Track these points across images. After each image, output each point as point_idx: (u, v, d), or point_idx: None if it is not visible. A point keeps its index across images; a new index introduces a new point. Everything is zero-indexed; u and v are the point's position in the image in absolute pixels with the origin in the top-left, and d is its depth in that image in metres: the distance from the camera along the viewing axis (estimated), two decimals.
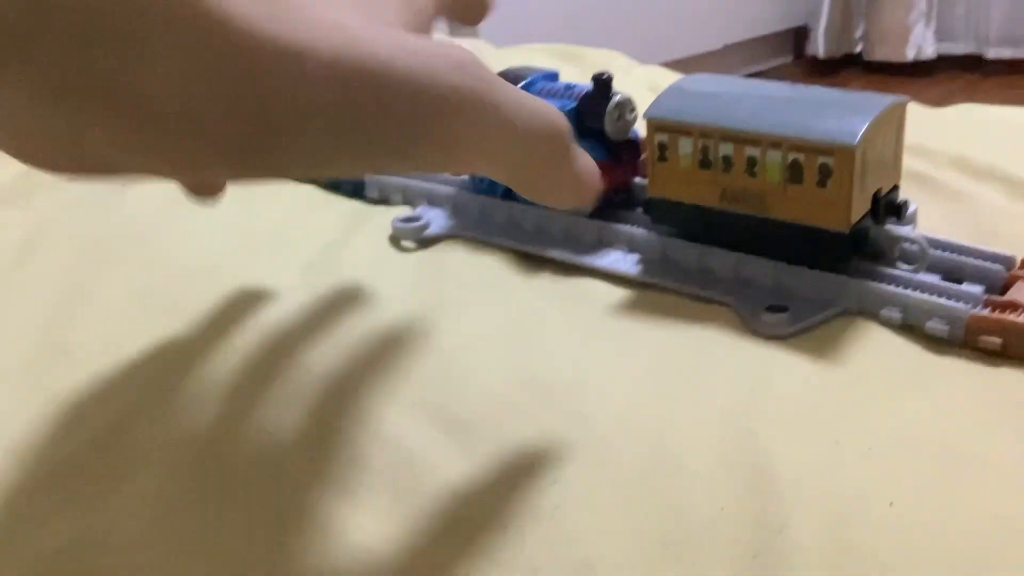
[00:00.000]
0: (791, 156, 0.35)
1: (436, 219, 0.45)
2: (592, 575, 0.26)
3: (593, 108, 0.41)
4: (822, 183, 0.35)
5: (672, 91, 0.39)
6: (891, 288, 0.36)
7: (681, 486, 0.29)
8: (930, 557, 0.26)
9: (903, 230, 0.37)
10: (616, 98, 0.41)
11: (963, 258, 0.37)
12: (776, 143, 0.35)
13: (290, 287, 0.41)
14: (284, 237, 0.46)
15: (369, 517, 0.29)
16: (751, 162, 0.36)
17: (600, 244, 0.42)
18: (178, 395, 0.35)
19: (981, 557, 0.26)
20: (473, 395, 0.34)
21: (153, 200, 0.51)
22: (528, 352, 0.36)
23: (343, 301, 0.40)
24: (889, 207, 0.37)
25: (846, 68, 2.94)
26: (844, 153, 0.34)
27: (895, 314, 0.35)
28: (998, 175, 0.46)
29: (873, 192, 0.37)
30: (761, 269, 0.38)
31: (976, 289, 0.36)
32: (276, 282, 0.42)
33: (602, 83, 0.41)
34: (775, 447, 0.30)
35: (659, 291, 0.39)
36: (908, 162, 0.47)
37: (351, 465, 0.31)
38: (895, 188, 0.39)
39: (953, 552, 0.26)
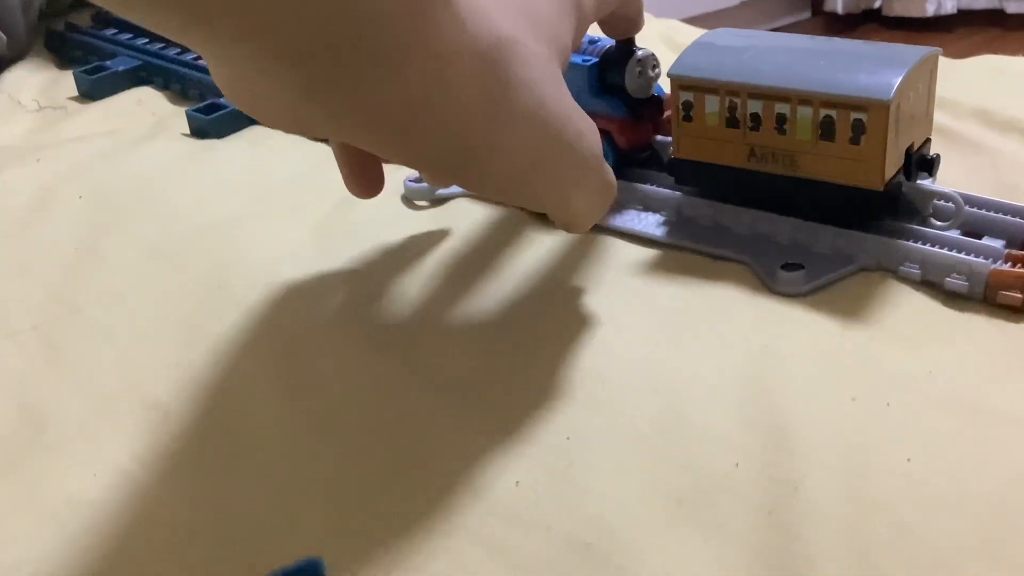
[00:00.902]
0: (823, 112, 0.34)
1: None
2: (606, 532, 0.26)
3: (615, 64, 0.40)
4: (855, 140, 0.34)
5: (697, 47, 0.38)
6: (910, 244, 0.35)
7: (695, 443, 0.29)
8: (949, 512, 0.26)
9: (937, 187, 0.36)
10: (638, 54, 0.40)
11: (983, 212, 0.37)
12: (807, 99, 0.34)
13: (301, 244, 0.41)
14: (295, 196, 0.46)
15: (379, 478, 0.29)
16: (781, 119, 0.35)
17: (620, 204, 0.41)
18: (193, 355, 0.35)
19: (1000, 512, 0.26)
20: (480, 352, 0.34)
21: (162, 158, 0.50)
22: (542, 310, 0.36)
23: (354, 261, 0.40)
24: (921, 162, 0.36)
25: (865, 24, 2.89)
26: (878, 108, 0.33)
27: (914, 270, 0.35)
28: (1020, 127, 0.45)
29: (906, 147, 0.36)
30: (779, 227, 0.37)
31: (996, 244, 0.35)
32: (287, 240, 0.41)
33: (624, 39, 0.40)
34: (791, 404, 0.30)
35: (676, 250, 0.38)
36: None
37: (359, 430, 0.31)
38: (927, 142, 0.38)
39: (972, 507, 0.26)
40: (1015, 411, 0.29)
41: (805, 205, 0.36)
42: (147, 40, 0.64)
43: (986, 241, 0.35)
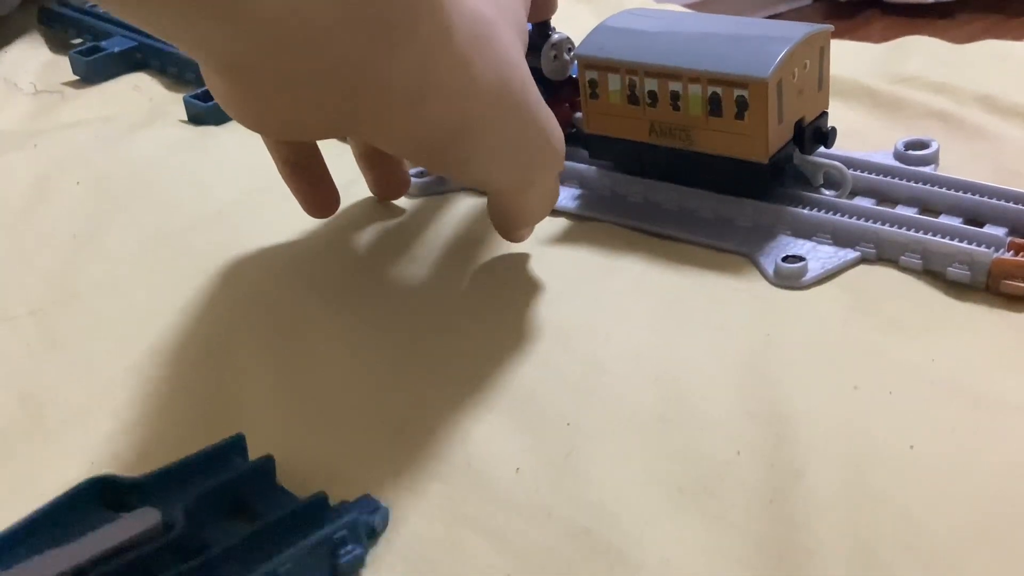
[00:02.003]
0: (710, 90, 0.36)
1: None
2: (606, 519, 0.26)
3: (531, 48, 0.41)
4: (740, 115, 0.36)
5: (602, 29, 0.40)
6: (910, 233, 0.35)
7: (697, 431, 0.29)
8: (951, 501, 0.26)
9: (824, 159, 0.38)
10: (553, 38, 0.41)
11: (985, 199, 0.37)
12: (695, 78, 0.36)
13: (298, 232, 0.41)
14: None
15: (376, 468, 0.29)
16: (674, 97, 0.37)
17: None
18: (193, 340, 0.35)
19: (1003, 500, 0.26)
20: (479, 339, 0.34)
21: (160, 145, 0.50)
22: (542, 298, 0.36)
23: (351, 244, 0.40)
24: (816, 134, 0.38)
25: (865, 10, 2.88)
26: (758, 85, 0.35)
27: (915, 260, 0.35)
28: (1023, 113, 0.44)
29: (796, 121, 0.37)
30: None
31: (999, 232, 0.35)
32: (285, 227, 0.41)
33: (540, 23, 0.41)
34: (793, 392, 0.30)
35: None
36: (930, 100, 0.46)
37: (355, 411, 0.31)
38: (823, 115, 0.39)
39: (974, 496, 0.26)
40: (1018, 400, 0.29)
41: (702, 177, 0.38)
42: None
43: (988, 229, 0.35)
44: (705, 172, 0.38)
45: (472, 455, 0.29)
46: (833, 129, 0.39)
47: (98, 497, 0.26)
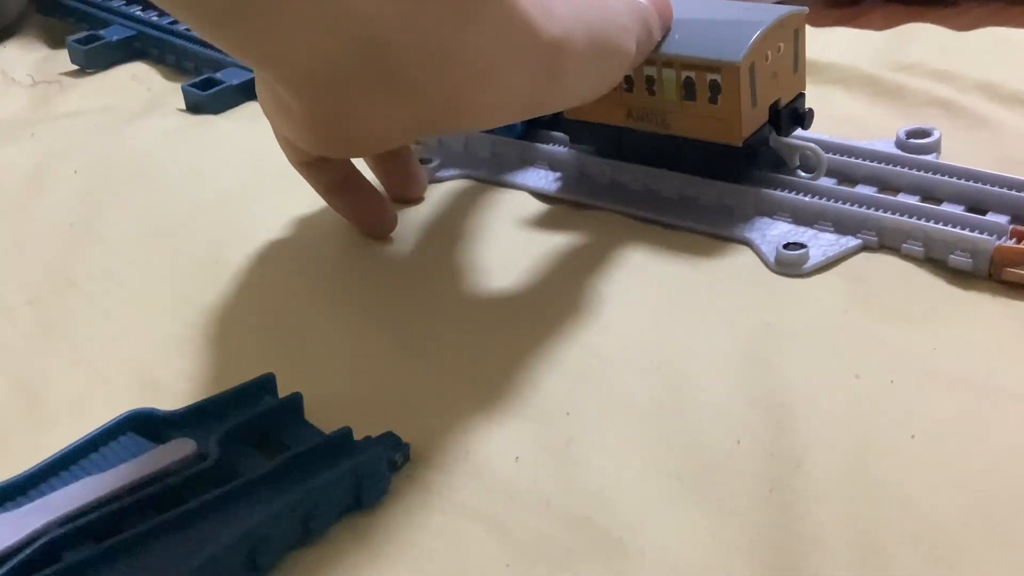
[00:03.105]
0: (684, 74, 0.36)
1: (448, 161, 0.44)
2: (606, 508, 0.26)
3: None
4: (713, 99, 0.36)
5: None
6: (912, 221, 0.35)
7: (697, 420, 0.29)
8: (953, 490, 0.25)
9: (799, 141, 0.38)
10: None
11: (987, 187, 0.36)
12: (669, 62, 0.36)
13: (297, 221, 0.41)
14: (292, 172, 0.45)
15: None
16: (650, 81, 0.37)
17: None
18: (189, 331, 0.35)
19: (1005, 490, 0.25)
20: (478, 327, 0.33)
21: (158, 134, 0.50)
22: (540, 285, 0.36)
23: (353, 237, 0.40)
24: (793, 116, 0.38)
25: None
26: (730, 69, 0.35)
27: (917, 248, 0.34)
28: None
29: (771, 104, 0.37)
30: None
31: (1001, 219, 0.35)
32: (283, 216, 0.41)
33: None
34: (793, 381, 0.29)
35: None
36: (932, 88, 0.45)
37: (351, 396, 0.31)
38: (799, 96, 0.39)
39: (977, 485, 0.26)
40: (1020, 389, 0.28)
41: (679, 161, 0.39)
42: (141, 7, 0.63)
43: (990, 217, 0.35)
44: (681, 156, 0.38)
45: (471, 444, 0.29)
46: (810, 111, 0.39)
47: (135, 430, 0.28)
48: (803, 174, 0.38)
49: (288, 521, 0.25)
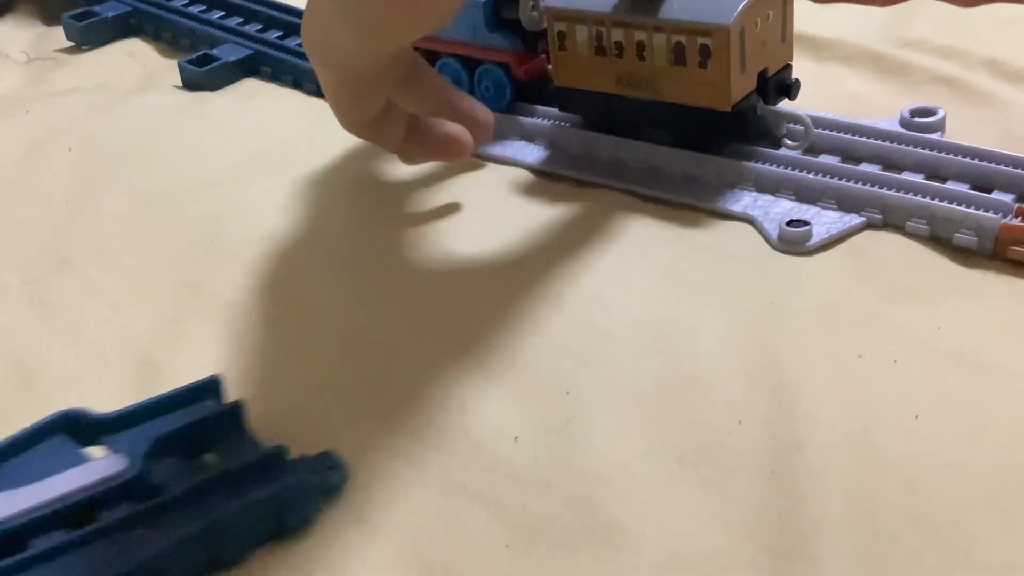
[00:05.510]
0: (674, 39, 0.36)
1: None
2: (606, 489, 0.26)
3: (508, 0, 0.41)
4: (703, 63, 0.36)
5: None
6: (916, 198, 0.34)
7: (698, 400, 0.28)
8: (957, 470, 0.25)
9: (789, 109, 0.38)
10: None
11: (993, 165, 0.36)
12: (660, 27, 0.36)
13: (293, 198, 0.40)
14: (289, 150, 0.45)
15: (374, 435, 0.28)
16: (640, 46, 0.37)
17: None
18: (185, 310, 0.35)
19: (1009, 469, 0.25)
20: (478, 305, 0.33)
21: (154, 111, 0.49)
22: (541, 265, 0.35)
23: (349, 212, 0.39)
24: (779, 86, 0.39)
25: None
26: (720, 33, 0.35)
27: (922, 226, 0.34)
28: None
29: (759, 72, 0.37)
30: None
31: (1007, 198, 0.34)
32: (280, 194, 0.41)
33: None
34: (796, 361, 0.29)
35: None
36: (936, 65, 0.45)
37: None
38: (787, 67, 0.39)
39: (980, 465, 0.25)
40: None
41: (668, 127, 0.39)
42: None
43: (996, 195, 0.34)
44: (671, 122, 0.38)
45: (470, 424, 0.28)
46: (797, 81, 0.39)
47: (67, 431, 0.26)
48: (789, 143, 0.38)
49: (196, 550, 0.24)
